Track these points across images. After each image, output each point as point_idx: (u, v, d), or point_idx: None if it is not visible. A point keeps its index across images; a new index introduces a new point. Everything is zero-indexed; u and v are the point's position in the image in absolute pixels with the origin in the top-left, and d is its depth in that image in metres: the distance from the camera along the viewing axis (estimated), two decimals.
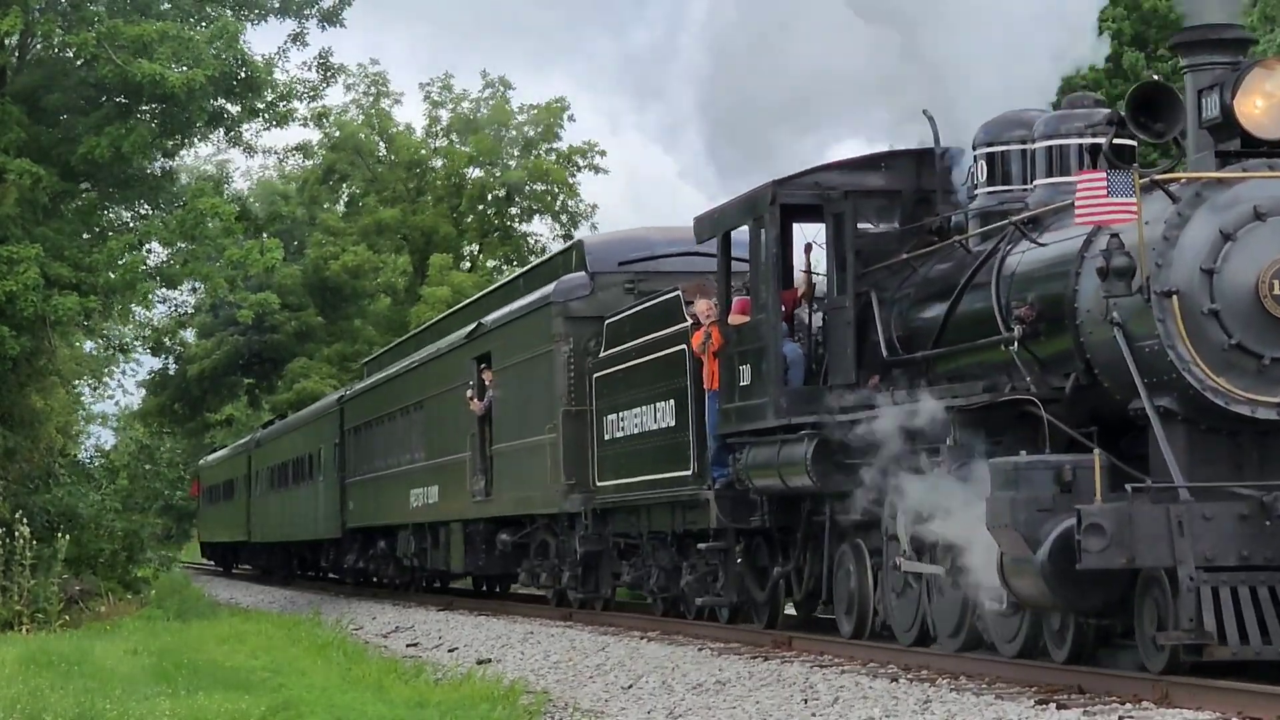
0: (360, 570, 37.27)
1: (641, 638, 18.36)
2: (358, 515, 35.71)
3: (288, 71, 28.69)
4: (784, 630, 17.09)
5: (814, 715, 11.94)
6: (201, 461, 65.78)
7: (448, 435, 27.89)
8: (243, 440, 56.60)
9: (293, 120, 29.29)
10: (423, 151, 54.68)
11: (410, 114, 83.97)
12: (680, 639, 17.85)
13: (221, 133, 28.71)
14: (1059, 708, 10.96)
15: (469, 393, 26.11)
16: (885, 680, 12.97)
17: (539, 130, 53.12)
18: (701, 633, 18.29)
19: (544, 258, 24.30)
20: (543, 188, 53.24)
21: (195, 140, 28.84)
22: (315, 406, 43.84)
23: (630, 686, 14.19)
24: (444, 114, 54.61)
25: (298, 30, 28.61)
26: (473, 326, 26.36)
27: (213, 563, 65.05)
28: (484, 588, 32.94)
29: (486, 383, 25.91)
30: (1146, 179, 11.93)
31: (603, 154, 53.43)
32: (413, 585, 33.23)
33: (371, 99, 54.51)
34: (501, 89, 53.83)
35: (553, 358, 22.21)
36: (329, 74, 30.35)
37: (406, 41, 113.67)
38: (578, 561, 22.11)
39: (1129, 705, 11.01)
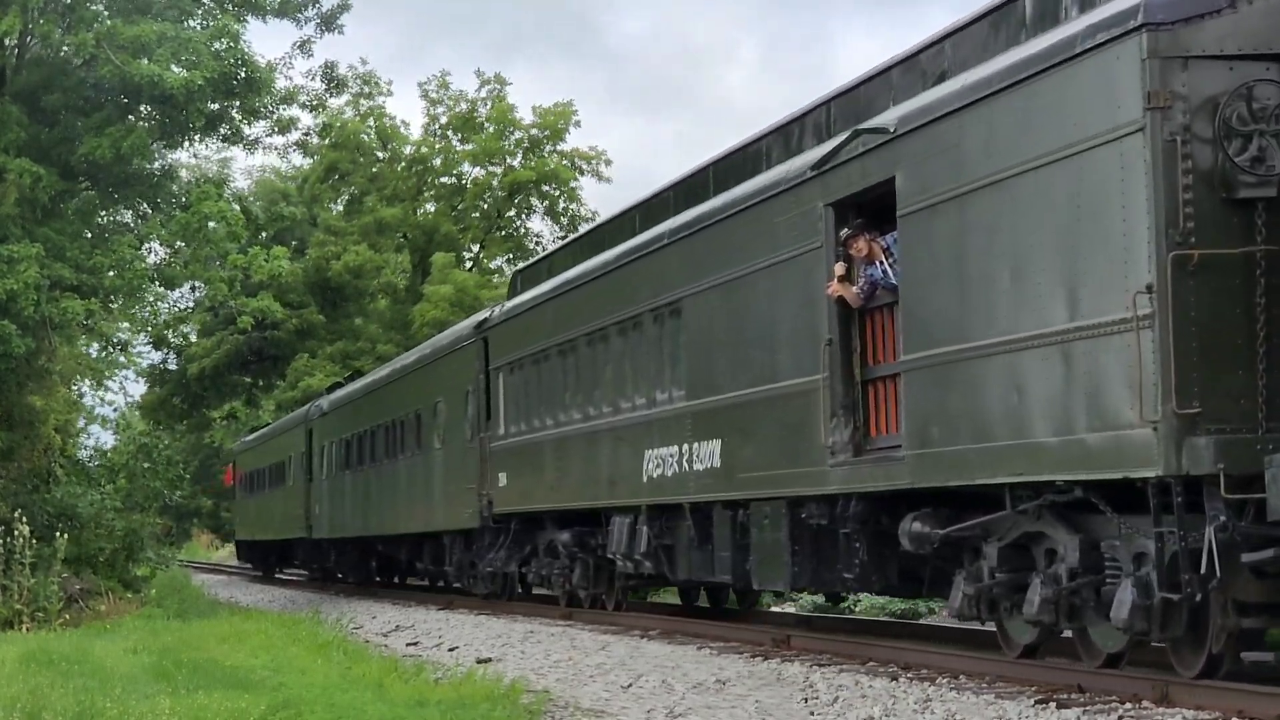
0: (506, 576, 25.62)
1: (642, 637, 18.19)
2: (514, 496, 23.98)
3: (290, 79, 29.30)
4: (783, 629, 17.32)
5: (814, 714, 11.53)
6: (237, 443, 56.62)
7: (751, 352, 16.20)
8: (296, 412, 45.14)
9: (295, 128, 29.90)
10: (423, 150, 54.14)
11: (401, 107, 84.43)
12: (681, 638, 17.70)
13: (220, 137, 28.43)
14: (1059, 707, 10.70)
15: (837, 269, 14.34)
16: (885, 679, 12.91)
17: (545, 133, 52.61)
18: (702, 632, 18.01)
19: None
20: (547, 188, 52.78)
21: (194, 141, 28.36)
22: (428, 346, 31.76)
23: (630, 685, 13.80)
24: (441, 112, 53.82)
25: (301, 39, 28.96)
26: (841, 139, 14.35)
27: (250, 565, 53.58)
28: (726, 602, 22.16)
29: (857, 250, 14.27)
30: None
31: (608, 162, 52.93)
32: (610, 599, 21.72)
33: (366, 98, 53.49)
34: (498, 86, 53.20)
35: (1134, 152, 10.47)
36: (333, 85, 30.58)
37: (382, 31, 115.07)
38: (1185, 584, 10.36)
39: (1129, 705, 10.66)
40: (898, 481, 13.38)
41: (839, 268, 14.28)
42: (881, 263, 14.09)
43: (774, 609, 23.02)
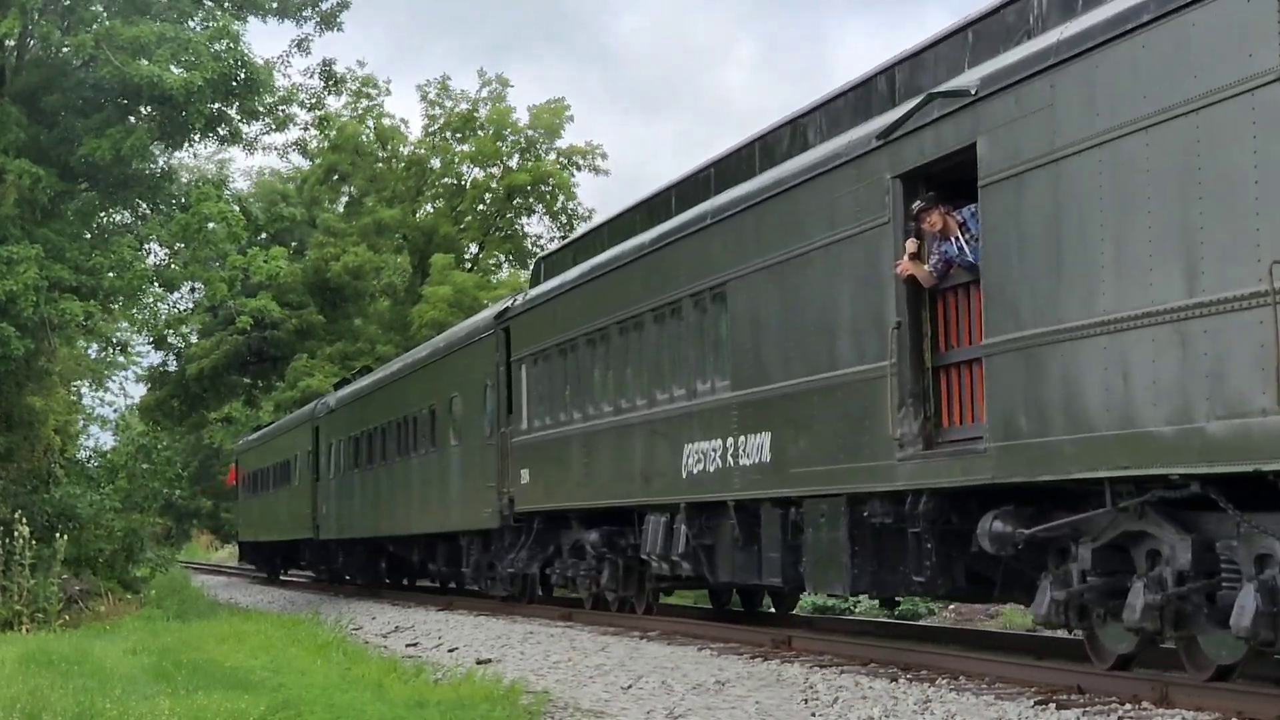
0: (527, 578, 24.53)
1: (642, 637, 18.13)
2: (537, 493, 22.89)
3: (289, 77, 29.40)
4: (784, 629, 17.43)
5: (814, 715, 11.48)
6: (240, 441, 55.43)
7: (805, 337, 15.06)
8: (302, 409, 44.05)
9: (293, 125, 29.15)
10: (421, 150, 53.86)
11: (399, 106, 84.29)
12: (680, 639, 17.64)
13: (218, 138, 28.07)
14: (1059, 708, 10.65)
15: (908, 246, 13.21)
16: (885, 680, 12.90)
17: (541, 132, 52.31)
18: (702, 633, 17.90)
19: None
20: (544, 188, 52.37)
21: (194, 141, 27.94)
22: (442, 339, 30.64)
23: (630, 686, 13.74)
24: (439, 115, 53.40)
25: (300, 37, 28.90)
26: (912, 104, 13.21)
27: (254, 567, 52.47)
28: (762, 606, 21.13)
29: (930, 224, 13.15)
30: None
31: (604, 156, 52.48)
32: (640, 601, 20.63)
33: (365, 98, 53.33)
34: (500, 87, 52.93)
35: (1271, 104, 9.37)
36: (331, 83, 30.19)
37: (380, 30, 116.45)
38: None
39: (1129, 705, 10.60)
40: (979, 476, 12.24)
41: (910, 244, 13.16)
42: (957, 238, 12.98)
43: (772, 610, 22.04)
